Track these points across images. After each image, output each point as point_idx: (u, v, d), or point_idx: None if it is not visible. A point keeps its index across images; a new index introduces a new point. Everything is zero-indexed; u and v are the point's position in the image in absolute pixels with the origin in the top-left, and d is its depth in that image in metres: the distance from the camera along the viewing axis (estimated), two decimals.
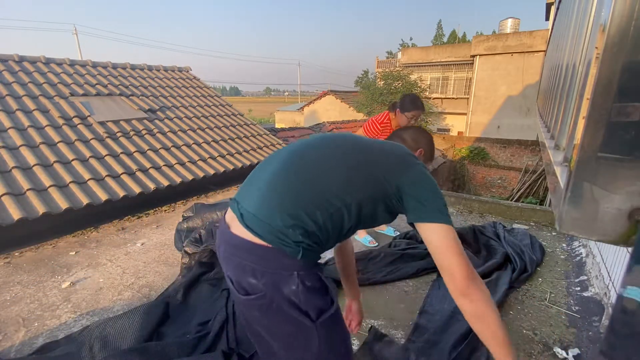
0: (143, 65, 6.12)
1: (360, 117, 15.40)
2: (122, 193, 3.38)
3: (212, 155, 4.63)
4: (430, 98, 16.53)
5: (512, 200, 8.87)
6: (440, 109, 17.09)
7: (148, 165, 3.90)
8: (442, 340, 1.76)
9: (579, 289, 2.26)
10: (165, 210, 3.81)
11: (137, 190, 3.50)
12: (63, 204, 2.98)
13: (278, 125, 19.62)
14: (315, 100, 20.90)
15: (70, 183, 3.23)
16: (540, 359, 1.70)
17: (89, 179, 3.36)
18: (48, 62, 4.91)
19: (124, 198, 3.39)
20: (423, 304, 2.11)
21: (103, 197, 3.24)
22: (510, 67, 14.36)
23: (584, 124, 0.60)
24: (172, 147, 4.43)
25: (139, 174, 3.74)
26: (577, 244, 2.88)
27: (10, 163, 3.12)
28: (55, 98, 4.26)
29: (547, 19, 11.05)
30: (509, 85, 14.54)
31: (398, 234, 3.05)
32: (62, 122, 3.91)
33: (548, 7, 10.03)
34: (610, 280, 2.02)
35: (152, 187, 3.63)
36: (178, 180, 3.90)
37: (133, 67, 5.95)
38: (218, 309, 1.97)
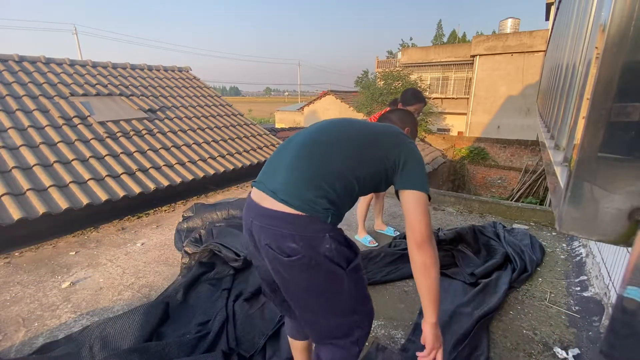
0: (143, 65, 6.13)
1: (360, 117, 15.39)
2: (122, 193, 3.38)
3: (212, 155, 4.63)
4: (430, 98, 16.50)
5: (512, 200, 8.87)
6: (440, 109, 17.07)
7: (148, 165, 3.90)
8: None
9: (579, 289, 2.26)
10: (165, 210, 3.81)
11: (137, 190, 3.50)
12: (63, 204, 2.98)
13: (278, 125, 19.62)
14: (315, 100, 20.90)
15: (70, 183, 3.23)
16: (540, 359, 1.70)
17: (89, 179, 3.37)
18: (48, 62, 4.91)
19: (124, 198, 3.39)
20: None
21: (103, 197, 3.24)
22: (510, 67, 14.36)
23: (584, 124, 0.60)
24: (172, 147, 4.43)
25: (139, 174, 3.75)
26: (577, 244, 2.88)
27: (10, 163, 3.12)
28: (55, 98, 4.26)
29: (547, 19, 11.05)
30: (509, 85, 14.54)
31: (398, 234, 3.05)
32: (62, 122, 3.92)
33: (548, 7, 10.03)
34: (610, 280, 2.02)
35: (152, 187, 3.63)
36: (178, 180, 3.90)
37: (133, 67, 5.96)
38: (218, 309, 1.97)
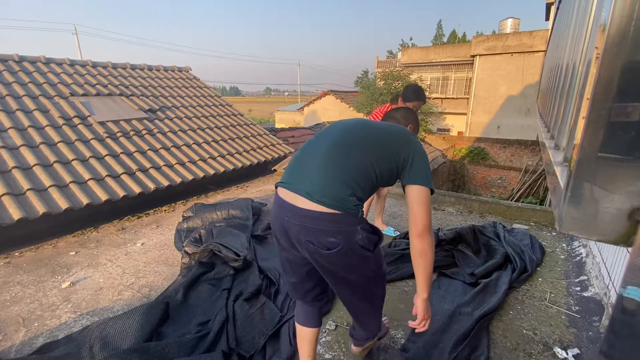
0: (143, 65, 6.12)
1: (361, 117, 15.38)
2: (122, 193, 3.38)
3: (212, 155, 4.63)
4: (430, 98, 16.52)
5: (512, 200, 8.87)
6: (440, 109, 17.07)
7: (148, 165, 3.90)
8: (442, 341, 1.76)
9: (579, 289, 2.26)
10: (165, 210, 3.81)
11: (137, 190, 3.50)
12: (63, 204, 2.98)
13: (278, 125, 19.62)
14: (315, 100, 20.91)
15: (70, 183, 3.23)
16: (540, 359, 1.70)
17: (89, 179, 3.36)
18: (48, 62, 4.91)
19: (124, 198, 3.39)
20: None
21: (103, 197, 3.24)
22: (510, 67, 14.35)
23: (584, 124, 0.60)
24: (172, 147, 4.43)
25: (139, 174, 3.74)
26: (577, 244, 2.88)
27: (10, 163, 3.12)
28: (55, 98, 4.26)
29: (547, 19, 11.06)
30: (509, 85, 14.54)
31: (398, 234, 3.05)
32: (62, 122, 3.91)
33: (548, 7, 10.03)
34: (610, 280, 2.02)
35: (152, 187, 3.63)
36: (178, 180, 3.90)
37: (133, 67, 5.95)
38: (218, 309, 1.97)
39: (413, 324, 1.33)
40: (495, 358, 1.71)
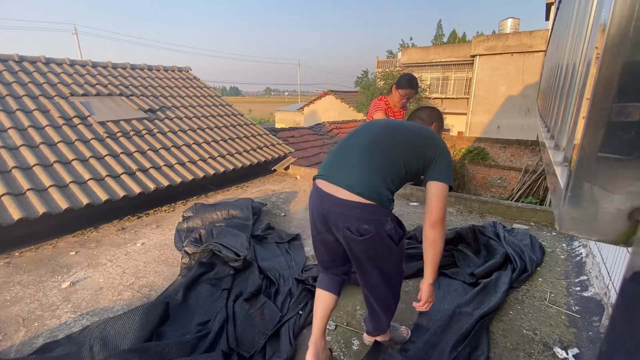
0: (143, 65, 6.12)
1: (360, 117, 15.39)
2: (122, 193, 3.38)
3: (212, 155, 4.63)
4: (430, 98, 16.51)
5: (512, 200, 8.87)
6: (440, 109, 17.03)
7: (148, 165, 3.90)
8: (442, 341, 1.76)
9: (579, 289, 2.26)
10: (165, 210, 3.81)
11: (137, 190, 3.50)
12: (63, 204, 2.98)
13: (278, 125, 19.61)
14: (315, 100, 20.90)
15: (70, 183, 3.23)
16: (541, 359, 1.70)
17: (89, 179, 3.36)
18: (48, 62, 4.91)
19: (124, 198, 3.39)
20: None
21: (103, 197, 3.24)
22: (510, 67, 14.35)
23: (584, 124, 0.60)
24: (172, 147, 4.42)
25: (139, 174, 3.74)
26: (577, 244, 2.88)
27: (10, 163, 3.12)
28: (55, 98, 4.25)
29: (547, 19, 11.06)
30: (509, 85, 14.53)
31: None
32: (62, 122, 3.91)
33: (548, 7, 10.04)
34: (610, 280, 2.02)
35: (152, 187, 3.63)
36: (178, 180, 3.90)
37: (133, 67, 5.95)
38: (218, 309, 1.97)
39: (417, 305, 1.48)
40: (495, 358, 1.71)
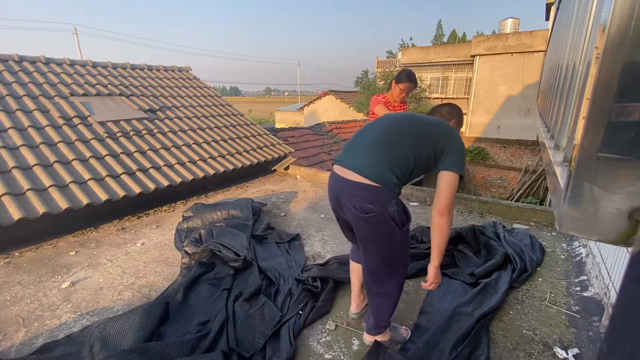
0: (143, 65, 6.12)
1: (360, 117, 15.40)
2: (122, 193, 3.38)
3: (212, 155, 4.63)
4: (430, 98, 16.51)
5: (512, 200, 8.87)
6: None
7: (148, 165, 3.90)
8: (442, 341, 1.76)
9: (579, 289, 2.26)
10: (165, 210, 3.81)
11: (137, 190, 3.50)
12: (63, 204, 2.98)
13: (278, 125, 19.61)
14: (315, 100, 20.90)
15: (70, 183, 3.23)
16: (541, 359, 1.70)
17: (89, 179, 3.36)
18: (48, 62, 4.91)
19: (124, 198, 3.39)
20: (423, 304, 2.11)
21: (103, 197, 3.24)
22: (510, 67, 14.34)
23: (584, 124, 0.60)
24: (172, 147, 4.42)
25: (139, 174, 3.74)
26: (577, 244, 2.88)
27: (10, 163, 3.12)
28: (55, 98, 4.25)
29: (547, 19, 11.05)
30: (509, 85, 14.52)
31: None
32: (62, 122, 3.91)
33: (548, 7, 10.03)
34: (610, 280, 2.02)
35: (152, 187, 3.63)
36: (178, 180, 3.90)
37: (133, 67, 5.95)
38: (218, 309, 1.97)
39: (424, 284, 1.57)
40: (495, 358, 1.71)
